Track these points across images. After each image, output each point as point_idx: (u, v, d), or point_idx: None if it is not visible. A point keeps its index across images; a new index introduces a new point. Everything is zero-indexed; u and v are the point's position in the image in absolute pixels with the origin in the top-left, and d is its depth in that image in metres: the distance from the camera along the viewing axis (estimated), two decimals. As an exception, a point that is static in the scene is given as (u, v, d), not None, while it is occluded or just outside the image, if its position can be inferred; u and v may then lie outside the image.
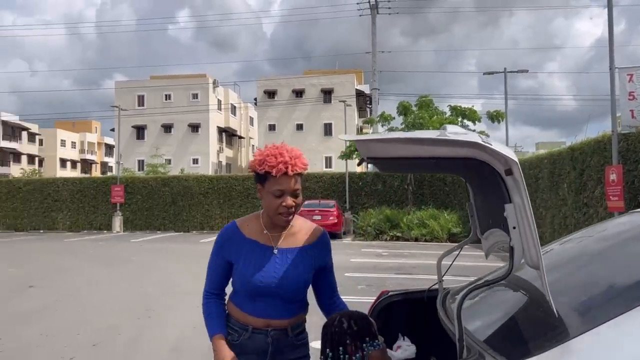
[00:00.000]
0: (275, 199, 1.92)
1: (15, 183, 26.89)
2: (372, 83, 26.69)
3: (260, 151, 1.97)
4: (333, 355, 1.83)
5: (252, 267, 1.94)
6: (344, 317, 1.88)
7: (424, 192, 22.39)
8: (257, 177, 1.97)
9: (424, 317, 2.65)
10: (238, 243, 1.99)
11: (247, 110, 63.61)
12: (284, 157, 1.90)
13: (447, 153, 1.64)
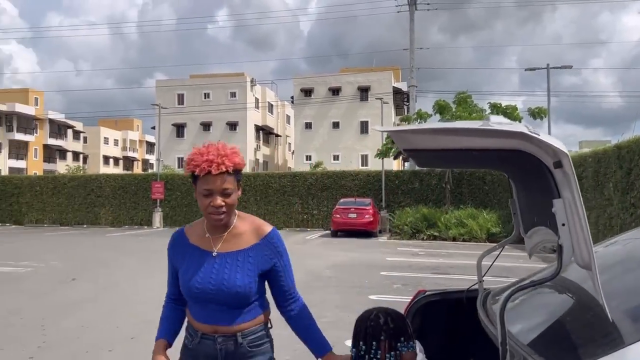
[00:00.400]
0: (204, 199, 1.85)
1: (60, 179, 27.78)
2: (410, 80, 26.38)
3: (192, 151, 1.90)
4: (366, 348, 1.81)
5: (191, 272, 1.89)
6: (381, 312, 1.86)
7: (463, 190, 21.98)
8: (191, 177, 1.90)
9: (463, 318, 2.56)
10: (182, 249, 1.96)
11: (283, 109, 63.96)
12: (208, 155, 1.81)
13: (491, 144, 1.54)
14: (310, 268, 11.17)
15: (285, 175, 25.10)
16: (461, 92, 21.28)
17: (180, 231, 2.01)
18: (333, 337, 5.58)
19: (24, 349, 5.17)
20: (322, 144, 49.44)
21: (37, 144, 61.90)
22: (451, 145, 1.60)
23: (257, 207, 24.25)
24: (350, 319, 3.87)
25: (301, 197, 23.96)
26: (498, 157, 1.82)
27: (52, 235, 20.41)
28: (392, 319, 1.83)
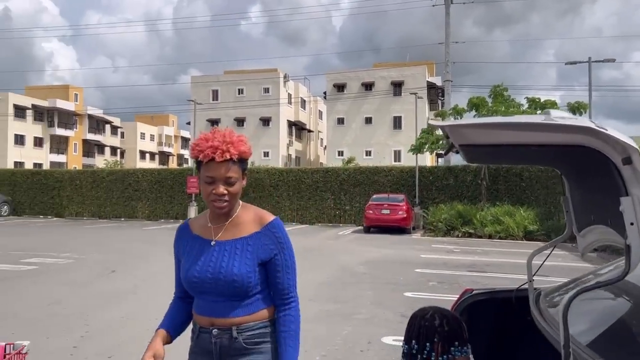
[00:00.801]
0: (207, 186, 1.79)
1: (99, 173, 28.47)
2: (445, 75, 25.99)
3: (198, 136, 1.84)
4: (418, 348, 1.79)
5: (190, 262, 1.84)
6: (437, 314, 1.82)
7: (499, 187, 21.57)
8: (195, 163, 1.85)
9: (511, 317, 2.49)
10: (186, 240, 1.91)
11: (316, 104, 63.98)
12: (213, 141, 1.75)
13: (552, 139, 1.48)
14: (343, 264, 11.15)
15: (318, 171, 25.11)
16: (497, 85, 20.84)
17: (185, 224, 1.97)
18: (369, 333, 5.62)
19: (68, 338, 5.31)
20: (355, 139, 49.26)
21: (76, 139, 63.61)
22: (510, 140, 1.54)
23: (290, 203, 24.35)
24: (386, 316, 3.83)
25: (333, 193, 23.94)
26: (556, 153, 1.75)
27: (91, 227, 20.96)
28: (447, 321, 1.79)
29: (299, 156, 58.41)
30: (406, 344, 1.85)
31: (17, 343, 1.96)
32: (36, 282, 8.52)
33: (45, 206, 27.77)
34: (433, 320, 1.79)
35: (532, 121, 1.41)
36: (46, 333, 5.39)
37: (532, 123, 1.43)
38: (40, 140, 58.60)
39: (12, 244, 13.92)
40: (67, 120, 61.46)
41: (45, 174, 28.78)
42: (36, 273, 9.40)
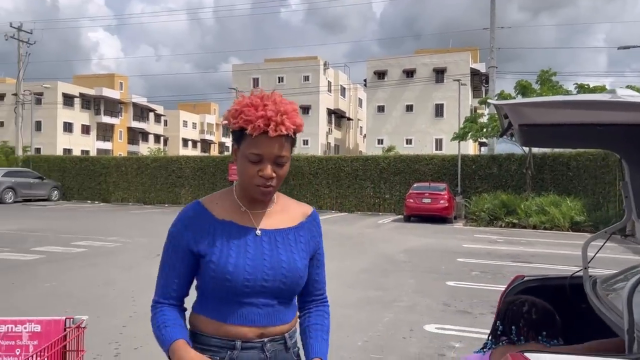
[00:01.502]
0: (250, 166, 1.44)
1: (144, 160, 29.19)
2: (489, 61, 25.35)
3: (240, 100, 1.47)
4: (503, 329, 1.84)
5: (232, 256, 1.44)
6: (528, 301, 1.86)
7: (545, 176, 20.98)
8: (232, 134, 1.49)
9: (564, 305, 2.42)
10: (207, 227, 1.48)
11: (356, 92, 63.64)
12: (266, 110, 1.40)
13: (619, 118, 1.41)
14: (383, 252, 11.10)
15: (358, 159, 25.02)
16: (545, 70, 20.20)
17: (197, 204, 1.53)
18: (411, 322, 5.58)
19: (118, 317, 5.49)
20: (395, 127, 48.82)
21: (121, 126, 65.40)
22: (573, 119, 1.48)
23: (329, 191, 24.38)
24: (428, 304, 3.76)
25: (373, 181, 23.82)
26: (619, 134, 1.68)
27: (136, 213, 21.56)
28: (536, 310, 1.82)
29: (338, 144, 58.36)
30: (493, 324, 1.94)
31: (77, 317, 2.03)
32: (86, 264, 8.84)
33: (92, 191, 28.70)
34: (521, 307, 1.84)
35: (599, 99, 1.35)
36: (97, 312, 5.59)
37: (599, 101, 1.37)
38: (87, 127, 60.53)
39: (62, 227, 14.47)
40: (112, 108, 63.22)
41: (93, 161, 29.73)
42: (86, 255, 9.75)
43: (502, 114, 1.71)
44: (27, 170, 27.28)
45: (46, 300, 6.26)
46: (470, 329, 5.36)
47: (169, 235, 1.52)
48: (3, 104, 56.01)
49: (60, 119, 56.48)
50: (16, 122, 33.76)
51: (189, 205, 1.54)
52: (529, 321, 1.80)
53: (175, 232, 1.50)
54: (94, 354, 4.17)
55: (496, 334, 1.94)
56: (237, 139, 1.47)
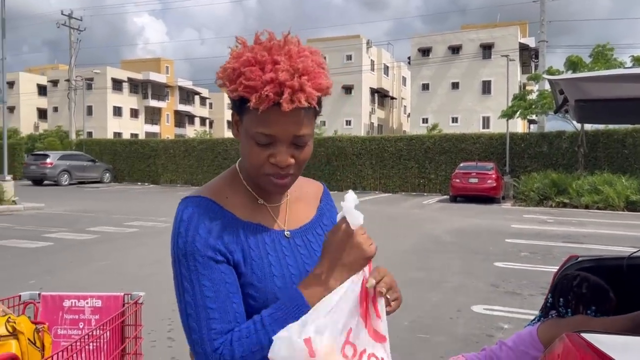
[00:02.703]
0: (259, 149, 1.03)
1: (190, 142, 29.82)
2: (540, 35, 24.39)
3: (239, 52, 1.02)
4: (552, 302, 1.87)
5: (276, 270, 1.07)
6: (581, 276, 1.86)
7: (598, 155, 20.18)
8: (231, 101, 1.07)
9: (621, 286, 2.34)
10: (233, 232, 1.06)
11: (399, 70, 62.68)
12: (277, 72, 0.97)
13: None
14: (429, 232, 11.01)
15: (402, 139, 24.74)
16: (601, 44, 19.29)
17: (206, 202, 1.08)
18: (458, 303, 5.53)
19: (169, 295, 5.67)
20: (440, 106, 47.91)
21: (168, 110, 66.86)
22: (635, 93, 1.41)
23: (372, 171, 24.25)
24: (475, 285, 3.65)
25: (417, 161, 23.53)
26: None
27: (185, 194, 22.02)
28: (588, 285, 1.81)
29: (381, 124, 57.84)
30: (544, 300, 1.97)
31: (134, 294, 2.12)
32: (138, 244, 9.17)
33: (142, 174, 29.58)
34: (572, 280, 1.84)
35: (666, 71, 1.28)
36: (150, 289, 5.79)
37: (664, 73, 1.30)
38: (136, 111, 62.19)
39: (115, 208, 15.02)
40: (159, 92, 64.65)
41: (142, 144, 30.58)
42: (138, 235, 10.10)
43: (557, 89, 1.65)
44: (80, 153, 28.38)
45: (102, 278, 6.54)
46: (519, 310, 5.27)
47: (183, 252, 1.03)
48: (57, 90, 58.17)
49: (110, 104, 58.22)
50: (69, 107, 35.05)
51: (190, 205, 1.07)
52: (578, 294, 1.80)
53: (197, 244, 1.02)
54: (148, 330, 4.34)
55: (546, 308, 1.95)
56: (238, 108, 1.06)
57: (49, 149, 30.25)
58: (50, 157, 25.50)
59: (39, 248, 8.58)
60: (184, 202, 1.08)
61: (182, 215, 1.04)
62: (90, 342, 1.86)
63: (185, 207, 1.06)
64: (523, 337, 1.89)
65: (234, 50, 1.04)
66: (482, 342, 4.26)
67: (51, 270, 6.93)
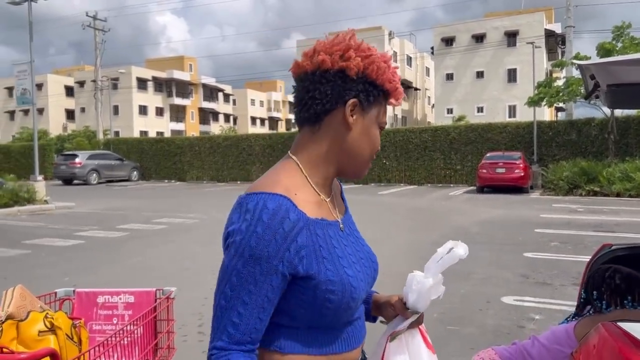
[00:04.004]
0: (375, 136, 1.16)
1: (215, 139, 30.10)
2: (566, 20, 23.83)
3: (349, 44, 1.11)
4: (586, 297, 1.84)
5: (346, 266, 1.09)
6: (612, 267, 1.82)
7: (629, 141, 19.67)
8: (361, 88, 1.10)
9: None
10: (306, 233, 1.05)
11: (422, 61, 62.03)
12: (395, 70, 1.15)
13: None
14: (456, 224, 10.90)
15: (426, 130, 24.52)
16: (618, 26, 18.75)
17: (287, 202, 1.04)
18: (487, 294, 5.48)
19: (199, 290, 5.75)
20: (465, 95, 47.27)
21: (192, 107, 67.52)
22: (671, 76, 1.37)
23: (397, 163, 24.12)
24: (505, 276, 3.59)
25: (443, 152, 23.30)
26: None
27: (211, 190, 22.34)
28: (621, 276, 1.78)
29: (405, 116, 57.38)
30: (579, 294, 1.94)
31: (166, 289, 2.15)
32: (167, 240, 9.31)
33: (169, 171, 29.99)
34: (605, 272, 1.83)
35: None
36: (180, 285, 5.87)
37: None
38: (161, 109, 62.98)
39: (143, 205, 15.27)
40: (183, 90, 65.32)
41: (168, 142, 30.99)
42: (166, 232, 10.25)
43: (588, 75, 1.61)
44: (108, 152, 28.90)
45: (133, 274, 6.66)
46: (550, 300, 5.19)
47: (251, 252, 1.01)
48: (83, 90, 59.26)
49: (136, 103, 59.06)
50: (96, 107, 35.69)
51: (270, 203, 1.02)
52: (611, 286, 1.78)
53: (270, 249, 1.00)
54: (179, 324, 4.40)
55: (580, 305, 1.92)
56: (372, 97, 1.12)
57: (78, 149, 30.89)
58: (79, 157, 26.04)
59: (72, 246, 8.78)
60: (259, 198, 1.04)
61: (261, 215, 1.02)
62: (125, 337, 1.90)
63: (264, 205, 1.03)
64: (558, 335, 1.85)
65: (353, 42, 1.12)
66: (513, 333, 4.22)
67: (84, 268, 7.09)
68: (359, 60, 1.08)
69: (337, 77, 1.09)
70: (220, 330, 1.02)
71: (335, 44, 1.12)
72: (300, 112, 1.15)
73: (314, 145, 1.13)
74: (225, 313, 1.02)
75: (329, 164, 1.14)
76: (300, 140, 1.16)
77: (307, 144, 1.14)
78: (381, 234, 9.24)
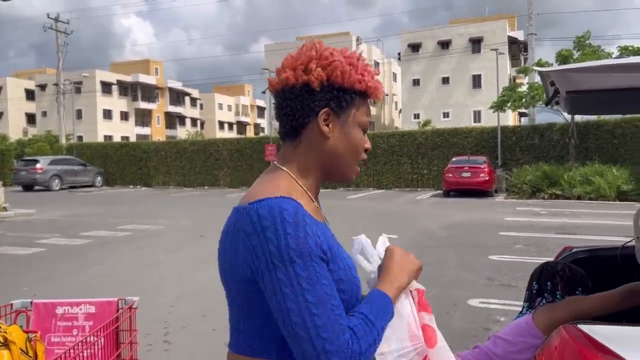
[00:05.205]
0: (362, 138, 1.18)
1: (182, 144, 29.70)
2: (528, 28, 24.45)
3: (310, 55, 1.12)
4: (538, 288, 1.92)
5: (353, 268, 1.14)
6: (561, 263, 1.89)
7: (589, 145, 20.30)
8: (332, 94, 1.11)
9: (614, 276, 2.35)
10: (321, 232, 1.07)
11: (389, 67, 62.71)
12: (374, 72, 1.17)
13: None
14: (423, 228, 11.02)
15: (394, 135, 24.77)
16: (580, 36, 19.45)
17: (297, 204, 1.05)
18: (455, 296, 5.54)
19: (165, 297, 5.65)
20: (431, 101, 47.99)
21: (159, 111, 66.55)
22: (624, 84, 1.41)
23: (366, 168, 24.27)
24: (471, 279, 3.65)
25: (410, 157, 23.57)
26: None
27: (178, 196, 22.03)
28: (570, 269, 1.89)
29: (373, 121, 57.84)
30: (527, 290, 2.00)
31: (128, 298, 2.09)
32: (132, 247, 9.11)
33: (134, 176, 29.43)
34: (556, 266, 1.91)
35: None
36: (145, 293, 5.76)
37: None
38: (126, 114, 61.86)
39: (107, 212, 14.93)
40: (149, 94, 64.32)
41: (133, 146, 30.42)
42: (131, 239, 10.04)
43: (548, 81, 1.64)
44: (71, 157, 28.18)
45: (97, 283, 6.50)
46: (515, 302, 5.27)
47: (297, 253, 1.00)
48: (45, 94, 57.74)
49: (100, 107, 57.86)
50: (58, 112, 34.81)
51: (286, 205, 1.03)
52: (564, 278, 1.91)
53: (311, 244, 1.02)
54: (144, 333, 4.31)
55: (531, 296, 1.98)
56: (344, 102, 1.12)
57: (39, 154, 30.01)
58: (40, 162, 25.30)
59: (32, 254, 8.51)
60: (270, 202, 1.03)
61: (283, 216, 1.01)
62: (85, 349, 1.84)
63: (280, 207, 1.02)
64: (520, 327, 1.89)
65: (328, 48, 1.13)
66: (479, 335, 4.27)
67: (44, 277, 6.88)
68: (320, 71, 1.09)
69: (304, 91, 1.11)
70: (339, 332, 0.99)
71: (298, 57, 1.13)
72: (280, 127, 1.18)
73: (298, 157, 1.15)
74: (329, 317, 0.99)
75: (315, 172, 1.17)
76: (285, 153, 1.18)
77: (292, 156, 1.16)
78: (350, 237, 9.25)
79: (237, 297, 1.09)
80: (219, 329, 4.62)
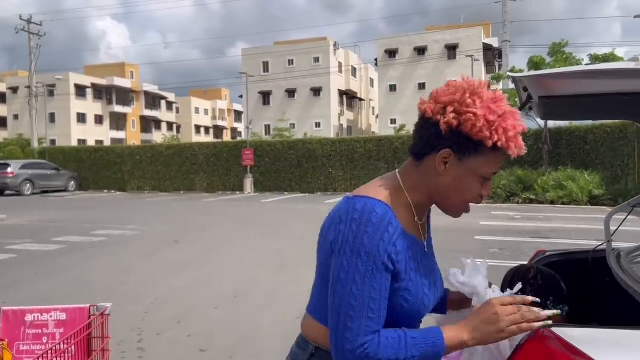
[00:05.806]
0: (478, 185, 1.18)
1: (157, 148, 29.36)
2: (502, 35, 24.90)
3: (454, 97, 1.14)
4: None
5: (426, 285, 1.22)
6: (534, 268, 1.87)
7: (561, 151, 20.71)
8: (454, 141, 1.14)
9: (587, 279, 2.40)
10: (403, 242, 1.16)
11: (367, 72, 63.14)
12: (520, 127, 1.14)
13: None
14: (401, 231, 11.08)
15: (371, 140, 24.90)
16: (557, 42, 19.93)
17: (390, 211, 1.15)
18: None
19: (139, 304, 5.56)
20: (408, 106, 48.42)
21: (134, 115, 65.74)
22: (596, 90, 1.44)
23: (343, 173, 24.35)
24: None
25: (387, 162, 23.71)
26: None
27: (153, 201, 21.75)
28: (542, 276, 1.84)
29: (350, 126, 58.13)
30: None
31: (100, 305, 2.05)
32: (106, 253, 8.96)
33: (108, 181, 28.98)
34: (527, 273, 1.87)
35: (624, 67, 1.31)
36: (119, 299, 5.67)
37: (623, 69, 1.33)
38: (100, 117, 60.94)
39: (81, 217, 14.66)
40: (124, 98, 63.51)
41: (107, 150, 29.96)
42: (105, 244, 9.88)
43: (521, 87, 1.67)
44: (43, 162, 27.60)
45: (69, 289, 6.36)
46: (490, 306, 5.34)
47: (366, 251, 1.10)
48: (17, 97, 56.56)
49: (74, 110, 56.90)
50: (30, 115, 34.11)
51: (377, 208, 1.13)
52: (535, 287, 1.86)
53: (380, 248, 1.10)
54: (117, 340, 4.23)
55: None
56: (467, 150, 1.14)
57: (10, 158, 29.32)
58: (11, 167, 24.73)
59: (1, 261, 8.30)
60: (368, 201, 1.15)
61: (370, 217, 1.12)
62: (55, 357, 1.79)
63: (372, 208, 1.13)
64: None
65: (477, 94, 1.14)
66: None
67: (15, 284, 6.71)
68: (452, 117, 1.12)
69: (434, 127, 1.16)
70: (362, 329, 1.10)
71: (447, 94, 1.16)
72: (413, 141, 1.25)
73: (415, 175, 1.22)
74: (361, 314, 1.10)
75: (424, 195, 1.23)
76: (408, 165, 1.26)
77: (411, 172, 1.24)
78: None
79: (321, 268, 1.23)
80: (193, 335, 4.56)
